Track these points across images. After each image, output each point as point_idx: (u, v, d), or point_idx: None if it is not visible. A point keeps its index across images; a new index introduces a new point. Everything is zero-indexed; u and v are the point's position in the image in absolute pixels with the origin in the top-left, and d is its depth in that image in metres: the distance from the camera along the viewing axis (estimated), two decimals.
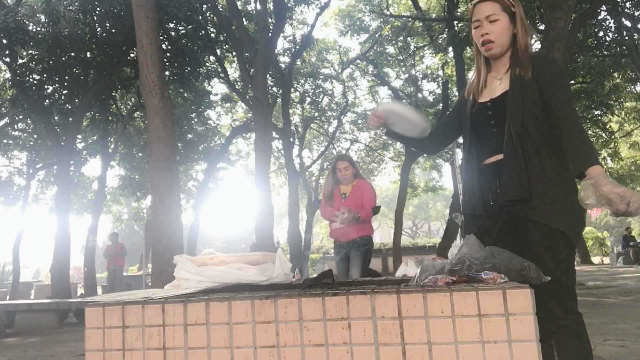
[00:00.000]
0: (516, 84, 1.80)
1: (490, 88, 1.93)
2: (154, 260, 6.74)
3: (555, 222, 1.70)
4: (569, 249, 1.73)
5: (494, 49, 1.88)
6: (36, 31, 11.41)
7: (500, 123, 1.84)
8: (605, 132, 16.83)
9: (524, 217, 1.76)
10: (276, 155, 22.01)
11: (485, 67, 1.97)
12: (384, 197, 48.31)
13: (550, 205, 1.72)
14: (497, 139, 1.85)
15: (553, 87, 1.77)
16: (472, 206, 1.91)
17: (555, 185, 1.74)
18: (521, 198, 1.73)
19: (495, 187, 1.84)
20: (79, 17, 11.26)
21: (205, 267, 1.81)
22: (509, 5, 1.84)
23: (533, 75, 1.80)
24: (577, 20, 8.70)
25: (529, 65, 1.82)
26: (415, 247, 25.83)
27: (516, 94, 1.79)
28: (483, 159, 1.91)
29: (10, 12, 10.35)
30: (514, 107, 1.78)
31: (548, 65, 1.80)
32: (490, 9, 1.85)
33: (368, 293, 1.30)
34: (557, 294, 1.68)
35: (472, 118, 1.94)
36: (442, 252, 11.51)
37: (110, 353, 1.42)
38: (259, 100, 11.04)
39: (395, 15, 17.20)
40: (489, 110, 1.89)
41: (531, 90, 1.79)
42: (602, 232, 25.69)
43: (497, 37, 1.86)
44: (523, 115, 1.77)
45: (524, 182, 1.73)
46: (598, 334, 4.37)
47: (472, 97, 1.97)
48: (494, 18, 1.85)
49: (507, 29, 1.85)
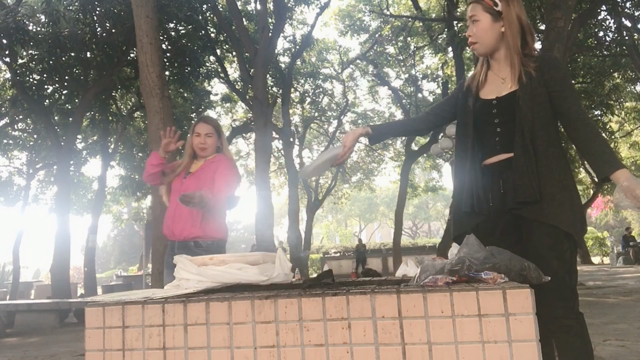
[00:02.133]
0: (526, 84, 1.80)
1: (493, 86, 1.92)
2: (154, 260, 6.73)
3: (565, 224, 1.71)
4: (572, 249, 1.74)
5: (478, 49, 1.91)
6: (36, 31, 11.41)
7: (505, 122, 1.83)
8: (605, 132, 16.83)
9: (532, 218, 1.75)
10: (276, 155, 22.02)
11: (486, 63, 1.97)
12: (384, 197, 48.32)
13: (559, 207, 1.72)
14: (500, 138, 1.84)
15: (565, 91, 1.78)
16: (471, 204, 1.90)
17: (563, 188, 1.75)
18: (533, 200, 1.73)
19: (499, 187, 1.83)
20: (79, 17, 11.27)
21: (205, 267, 1.81)
22: (491, 5, 1.84)
23: (542, 78, 1.79)
24: (577, 20, 8.70)
25: (520, 65, 1.82)
26: (415, 247, 25.87)
27: (526, 94, 1.78)
28: (484, 158, 1.90)
29: (10, 12, 10.36)
30: (525, 107, 1.77)
31: (559, 69, 1.80)
32: (472, 10, 1.88)
33: (368, 293, 1.30)
34: (560, 294, 1.68)
35: (475, 114, 1.92)
36: (442, 252, 11.50)
37: (110, 353, 1.42)
38: (259, 100, 11.05)
39: (395, 15, 17.21)
40: (494, 108, 1.87)
41: (539, 92, 1.79)
42: (602, 232, 25.68)
43: (478, 37, 1.88)
44: (533, 116, 1.77)
45: (535, 183, 1.73)
46: (598, 334, 4.37)
47: (475, 94, 1.96)
48: (475, 19, 1.87)
49: (489, 29, 1.85)
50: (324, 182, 24.99)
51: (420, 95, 19.63)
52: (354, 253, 21.61)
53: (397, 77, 20.21)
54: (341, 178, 24.76)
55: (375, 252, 24.26)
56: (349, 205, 39.56)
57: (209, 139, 3.03)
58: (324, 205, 31.38)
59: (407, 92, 19.73)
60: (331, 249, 30.56)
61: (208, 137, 3.02)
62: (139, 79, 6.93)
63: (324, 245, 38.34)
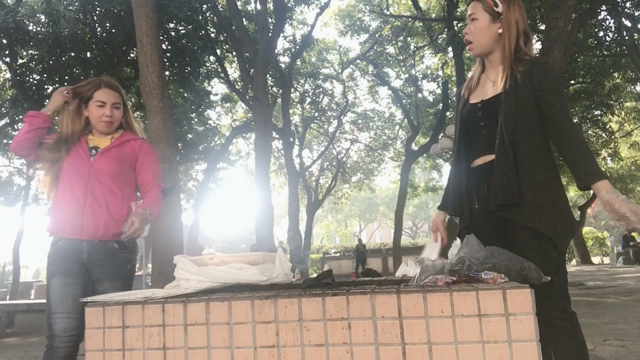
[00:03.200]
0: (511, 87, 1.79)
1: (482, 89, 1.93)
2: (154, 260, 6.74)
3: (544, 227, 1.71)
4: (558, 250, 1.74)
5: (473, 49, 1.90)
6: (36, 31, 11.41)
7: (490, 125, 1.83)
8: (605, 132, 16.84)
9: (513, 220, 1.76)
10: (276, 155, 22.03)
11: (481, 66, 1.97)
12: (384, 197, 48.31)
13: (539, 210, 1.72)
14: (485, 140, 1.85)
15: (553, 96, 1.76)
16: (458, 208, 1.92)
17: (544, 191, 1.75)
18: (512, 202, 1.73)
19: (483, 190, 1.83)
20: (79, 17, 11.27)
21: (205, 267, 1.81)
22: (491, 5, 1.83)
23: (530, 80, 1.78)
24: (577, 20, 8.69)
25: (510, 69, 1.81)
26: (415, 247, 25.85)
27: (510, 97, 1.78)
28: (471, 160, 1.91)
29: (10, 12, 10.35)
30: (507, 110, 1.77)
31: (547, 73, 1.78)
32: (472, 8, 1.88)
33: (368, 293, 1.30)
34: (549, 295, 1.68)
35: (462, 118, 1.95)
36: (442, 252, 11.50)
37: (110, 353, 1.42)
38: (259, 100, 11.05)
39: (395, 15, 17.21)
40: (479, 111, 1.89)
41: (525, 95, 1.78)
42: (602, 232, 25.68)
43: (474, 37, 1.87)
44: (515, 119, 1.76)
45: (515, 186, 1.73)
46: (598, 334, 4.37)
47: (465, 98, 1.98)
48: (473, 17, 1.87)
49: (486, 29, 1.84)
50: (324, 182, 25.01)
51: (420, 95, 19.63)
52: (354, 253, 21.62)
53: (397, 77, 20.22)
54: (341, 178, 24.77)
55: (375, 252, 24.30)
56: (349, 205, 39.56)
57: (116, 111, 2.35)
58: (324, 205, 31.42)
59: (407, 92, 19.73)
60: (331, 249, 30.60)
61: (115, 109, 2.34)
62: (139, 79, 6.93)
63: (324, 245, 38.35)
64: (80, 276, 2.20)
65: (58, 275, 2.19)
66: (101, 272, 2.22)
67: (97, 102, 2.32)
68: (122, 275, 2.26)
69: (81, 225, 2.17)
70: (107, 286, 2.20)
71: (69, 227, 2.18)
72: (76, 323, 2.15)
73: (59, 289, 2.18)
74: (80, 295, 2.13)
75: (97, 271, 2.22)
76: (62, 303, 2.16)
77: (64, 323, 2.15)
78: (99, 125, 2.33)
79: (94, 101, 2.33)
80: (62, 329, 2.15)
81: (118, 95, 2.40)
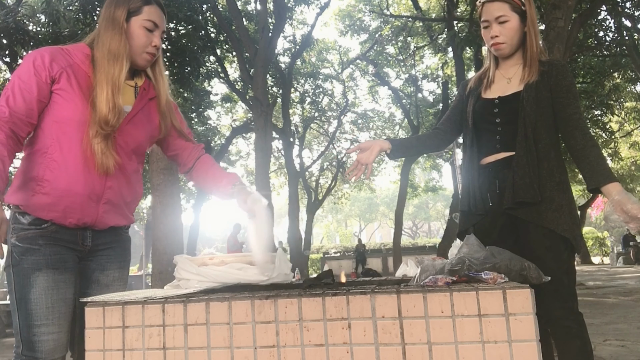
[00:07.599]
0: (531, 86, 1.80)
1: (498, 85, 1.91)
2: (154, 260, 6.74)
3: (561, 228, 1.71)
4: (569, 250, 1.74)
5: (504, 50, 1.87)
6: (36, 31, 11.41)
7: (506, 122, 1.83)
8: (605, 132, 16.83)
9: (529, 220, 1.75)
10: (276, 155, 22.01)
11: (494, 63, 1.96)
12: (384, 197, 48.33)
13: (557, 211, 1.73)
14: (501, 137, 1.84)
15: (569, 99, 1.79)
16: (469, 204, 1.90)
17: (562, 191, 1.75)
18: (533, 201, 1.73)
19: (495, 187, 1.83)
20: (79, 17, 11.27)
21: (205, 267, 1.81)
22: (519, 5, 1.82)
23: (548, 82, 1.80)
24: (577, 20, 8.70)
25: (537, 68, 1.82)
26: (415, 247, 25.88)
27: (531, 96, 1.79)
28: (482, 157, 1.90)
29: (10, 12, 10.36)
30: (529, 109, 1.78)
31: (566, 76, 1.81)
32: (500, 10, 1.82)
33: (368, 293, 1.30)
34: (558, 295, 1.68)
35: (475, 114, 1.92)
36: (442, 252, 11.51)
37: (110, 353, 1.42)
38: (259, 100, 11.05)
39: (395, 15, 17.21)
40: (495, 107, 1.87)
41: (545, 95, 1.79)
42: (602, 232, 25.67)
43: (508, 38, 1.84)
44: (537, 118, 1.77)
45: (537, 185, 1.73)
46: (598, 334, 4.37)
47: (477, 93, 1.96)
48: (503, 19, 1.82)
49: (518, 29, 1.83)
50: (324, 182, 25.00)
51: (420, 95, 19.64)
52: (354, 253, 21.62)
53: (397, 77, 20.23)
54: (341, 178, 24.77)
55: (375, 252, 24.28)
56: (349, 205, 39.55)
57: (159, 43, 1.67)
58: (324, 205, 31.38)
59: (407, 92, 19.73)
60: (331, 249, 30.59)
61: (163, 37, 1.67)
62: None
63: (324, 245, 38.37)
64: (73, 271, 1.62)
65: (46, 270, 1.54)
66: (107, 258, 1.71)
67: (148, 21, 1.61)
68: (128, 261, 1.81)
69: (80, 204, 1.64)
70: (115, 276, 1.73)
71: (67, 207, 1.63)
72: (66, 339, 1.58)
73: (48, 290, 1.54)
74: (71, 299, 1.60)
75: (102, 257, 1.70)
76: (53, 310, 1.54)
77: (54, 341, 1.54)
78: (139, 58, 1.64)
79: (142, 18, 1.60)
80: (50, 349, 1.53)
81: (165, 21, 1.72)
